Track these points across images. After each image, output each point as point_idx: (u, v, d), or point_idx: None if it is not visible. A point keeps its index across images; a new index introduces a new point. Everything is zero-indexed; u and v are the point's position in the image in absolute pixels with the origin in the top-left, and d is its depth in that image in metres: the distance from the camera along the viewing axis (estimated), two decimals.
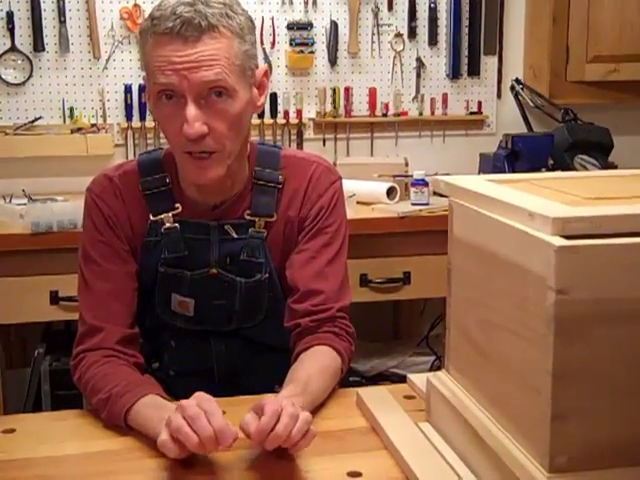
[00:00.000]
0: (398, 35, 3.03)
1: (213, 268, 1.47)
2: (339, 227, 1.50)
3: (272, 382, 1.42)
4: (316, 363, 1.33)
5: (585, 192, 1.02)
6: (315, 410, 1.28)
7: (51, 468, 1.15)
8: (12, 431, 1.24)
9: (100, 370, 1.33)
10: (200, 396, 1.12)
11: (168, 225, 1.45)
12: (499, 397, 1.02)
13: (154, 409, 1.21)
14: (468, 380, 1.12)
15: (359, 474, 1.09)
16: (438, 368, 2.74)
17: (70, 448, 1.20)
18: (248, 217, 1.46)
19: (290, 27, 2.93)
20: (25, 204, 2.48)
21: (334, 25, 2.96)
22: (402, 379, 1.43)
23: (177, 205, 1.45)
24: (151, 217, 1.45)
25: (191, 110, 1.30)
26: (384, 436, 1.18)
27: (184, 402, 1.10)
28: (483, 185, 1.11)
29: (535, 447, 0.91)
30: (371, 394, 1.32)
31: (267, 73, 1.44)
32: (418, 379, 1.37)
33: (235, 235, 1.46)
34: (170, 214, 1.45)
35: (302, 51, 2.94)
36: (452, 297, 1.17)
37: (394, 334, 3.12)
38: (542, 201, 0.97)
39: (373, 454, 1.15)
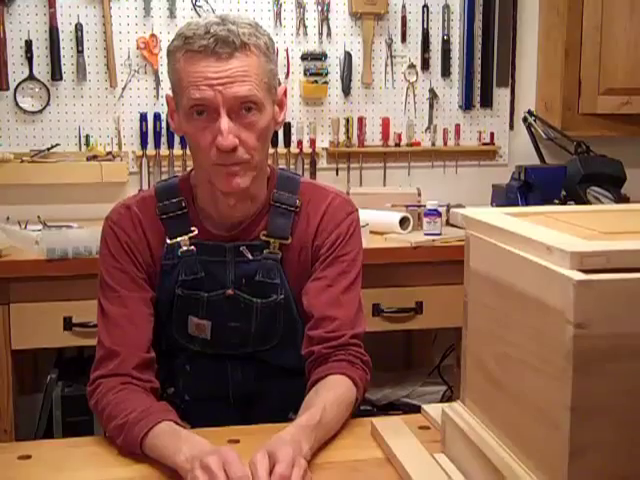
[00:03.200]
0: (411, 66, 3.06)
1: (229, 289, 1.48)
2: (356, 256, 1.51)
3: (287, 407, 1.43)
4: (331, 393, 1.33)
5: (602, 226, 1.03)
6: (329, 440, 1.28)
7: None
8: (28, 457, 1.25)
9: (116, 397, 1.34)
10: (225, 457, 1.09)
11: (184, 248, 1.47)
12: (516, 430, 1.02)
13: (170, 437, 1.21)
14: (484, 412, 1.12)
15: None
16: (449, 398, 2.75)
17: (86, 476, 1.20)
18: (263, 238, 1.49)
19: (304, 57, 2.97)
20: (40, 230, 2.49)
21: (348, 56, 2.99)
22: (413, 408, 1.44)
23: (193, 228, 1.48)
24: (168, 241, 1.47)
25: (224, 123, 1.36)
26: (400, 467, 1.18)
27: (211, 463, 1.08)
28: (500, 218, 1.11)
29: None
30: (386, 424, 1.32)
31: (286, 92, 1.52)
32: (432, 409, 1.37)
33: (250, 256, 1.48)
34: (186, 237, 1.47)
35: (316, 81, 2.97)
36: (468, 329, 1.18)
37: (406, 363, 3.11)
38: (560, 235, 0.98)
39: None
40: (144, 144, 2.89)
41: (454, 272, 2.48)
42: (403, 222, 2.60)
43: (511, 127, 3.16)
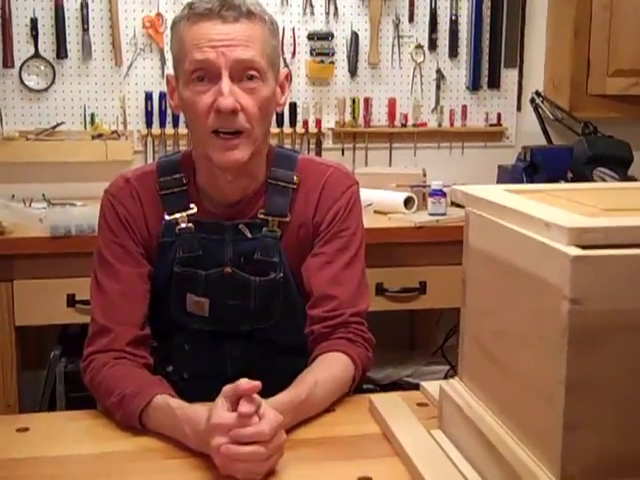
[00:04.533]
0: (418, 46, 3.04)
1: (228, 267, 1.48)
2: (355, 231, 1.50)
3: (287, 386, 1.42)
4: (326, 371, 1.33)
5: (601, 203, 1.02)
6: (327, 416, 1.28)
7: (65, 467, 1.15)
8: (26, 430, 1.25)
9: (110, 372, 1.34)
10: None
11: (183, 225, 1.46)
12: (512, 406, 1.02)
13: (166, 413, 1.22)
14: (481, 389, 1.12)
15: (369, 479, 1.09)
16: (452, 378, 2.74)
17: (84, 448, 1.21)
18: (262, 216, 1.48)
19: (311, 37, 2.94)
20: (45, 208, 2.50)
21: (355, 36, 2.97)
22: (416, 388, 1.43)
23: (192, 205, 1.47)
24: (166, 217, 1.47)
25: (226, 84, 1.35)
26: (396, 443, 1.18)
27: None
28: (499, 195, 1.11)
29: (547, 456, 0.91)
30: (384, 401, 1.32)
31: (288, 76, 1.50)
32: (431, 387, 1.37)
33: (249, 235, 1.47)
34: (185, 214, 1.46)
35: (322, 61, 2.95)
36: (467, 307, 1.17)
37: (409, 343, 3.11)
38: (558, 211, 0.97)
39: (384, 460, 1.15)
40: (149, 123, 2.88)
41: (458, 252, 2.46)
42: (408, 202, 2.59)
43: (518, 108, 3.13)
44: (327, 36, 2.95)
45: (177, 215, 1.46)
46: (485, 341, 1.10)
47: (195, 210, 1.47)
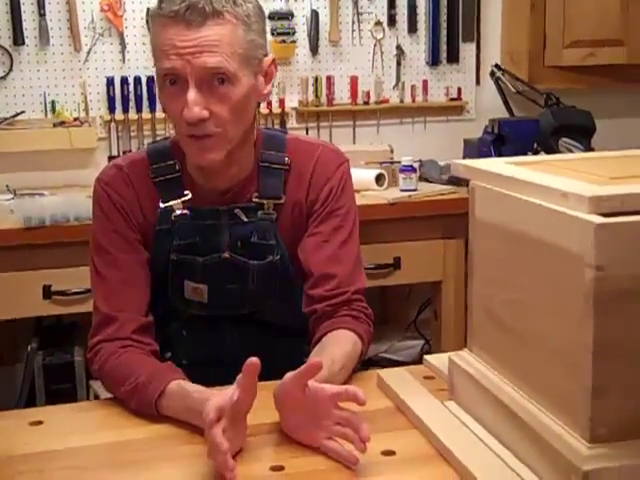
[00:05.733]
0: (378, 23, 3.05)
1: (225, 252, 1.47)
2: (349, 209, 1.51)
3: (287, 368, 1.43)
4: (338, 347, 1.35)
5: (605, 172, 1.05)
6: None
7: (81, 458, 1.15)
8: (40, 423, 1.24)
9: (120, 361, 1.34)
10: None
11: (178, 212, 1.45)
12: (530, 373, 1.05)
13: (185, 393, 1.22)
14: (493, 358, 1.14)
15: (393, 452, 1.12)
16: (428, 351, 2.79)
17: (99, 438, 1.20)
18: (256, 200, 1.47)
19: (271, 17, 2.92)
20: (12, 199, 2.46)
21: (315, 14, 2.97)
22: (392, 363, 1.46)
23: (187, 192, 1.46)
24: (161, 204, 1.46)
25: (191, 94, 1.32)
26: (412, 415, 1.20)
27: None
28: (505, 167, 1.13)
29: (574, 420, 0.94)
30: (392, 376, 1.34)
31: (274, 62, 1.46)
32: (435, 359, 1.40)
33: (245, 219, 1.47)
34: (180, 201, 1.46)
35: (284, 41, 2.94)
36: (474, 278, 1.20)
37: (382, 319, 3.14)
38: (571, 181, 1.00)
39: (403, 433, 1.17)
40: (112, 109, 2.84)
41: (431, 227, 2.55)
42: (379, 179, 2.61)
43: (477, 82, 3.17)
44: (287, 15, 2.94)
45: (172, 202, 1.45)
46: (497, 311, 1.13)
47: (190, 196, 1.46)
